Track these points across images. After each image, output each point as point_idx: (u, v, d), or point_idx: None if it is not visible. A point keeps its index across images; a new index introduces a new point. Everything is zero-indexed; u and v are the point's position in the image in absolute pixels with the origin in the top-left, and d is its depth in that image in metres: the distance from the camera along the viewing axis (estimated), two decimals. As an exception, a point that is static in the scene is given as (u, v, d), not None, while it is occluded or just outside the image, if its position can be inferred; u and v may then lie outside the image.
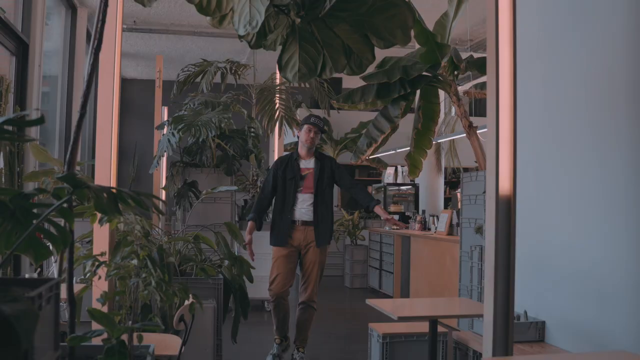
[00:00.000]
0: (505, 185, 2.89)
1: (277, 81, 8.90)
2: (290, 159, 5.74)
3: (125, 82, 13.65)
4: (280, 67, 2.82)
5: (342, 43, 2.79)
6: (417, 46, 6.67)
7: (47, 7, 6.89)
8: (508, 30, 2.96)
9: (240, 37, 2.73)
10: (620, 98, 3.38)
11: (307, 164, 5.70)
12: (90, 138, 10.40)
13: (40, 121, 1.74)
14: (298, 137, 5.82)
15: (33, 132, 5.78)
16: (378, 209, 5.61)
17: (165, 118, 9.66)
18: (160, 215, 6.34)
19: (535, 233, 4.05)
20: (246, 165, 7.57)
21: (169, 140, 6.27)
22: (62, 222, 2.00)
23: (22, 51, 6.29)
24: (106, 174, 3.50)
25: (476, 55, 7.34)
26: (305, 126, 5.70)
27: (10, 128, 1.81)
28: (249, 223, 5.60)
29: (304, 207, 5.59)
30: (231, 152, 6.98)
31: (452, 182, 14.12)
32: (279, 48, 2.83)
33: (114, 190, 1.83)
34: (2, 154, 3.92)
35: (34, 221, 1.74)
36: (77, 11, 8.94)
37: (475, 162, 7.03)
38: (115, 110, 3.55)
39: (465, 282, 5.99)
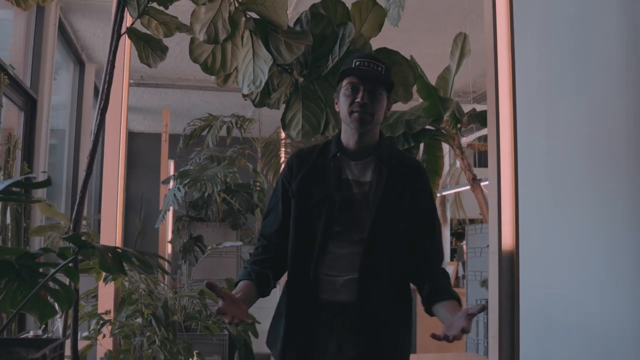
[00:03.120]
0: (507, 241, 2.90)
1: (283, 135, 8.97)
2: (322, 156, 2.55)
3: (132, 136, 13.74)
4: (283, 125, 2.87)
5: (345, 101, 2.83)
6: (421, 100, 6.73)
7: (55, 62, 6.99)
8: (508, 85, 3.01)
9: (244, 95, 2.78)
10: (621, 150, 3.40)
11: (361, 170, 2.50)
12: (97, 190, 10.44)
13: (46, 183, 1.78)
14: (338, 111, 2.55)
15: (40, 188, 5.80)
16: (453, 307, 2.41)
17: (172, 171, 9.72)
18: (168, 265, 6.32)
19: (540, 287, 4.04)
20: (252, 219, 7.59)
21: (174, 195, 6.31)
22: (67, 280, 2.02)
23: (30, 106, 6.36)
24: (112, 229, 3.52)
25: (479, 107, 7.39)
26: (345, 81, 2.45)
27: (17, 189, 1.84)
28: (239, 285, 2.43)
29: (342, 274, 2.40)
30: (237, 207, 7.02)
31: (458, 233, 14.07)
32: (283, 106, 2.88)
33: (119, 250, 1.85)
34: (9, 209, 3.95)
35: (40, 281, 1.76)
36: (85, 66, 9.05)
37: (480, 214, 7.04)
38: (122, 166, 3.58)
39: (472, 336, 5.94)
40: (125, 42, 3.36)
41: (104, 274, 2.72)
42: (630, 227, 3.34)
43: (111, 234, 3.48)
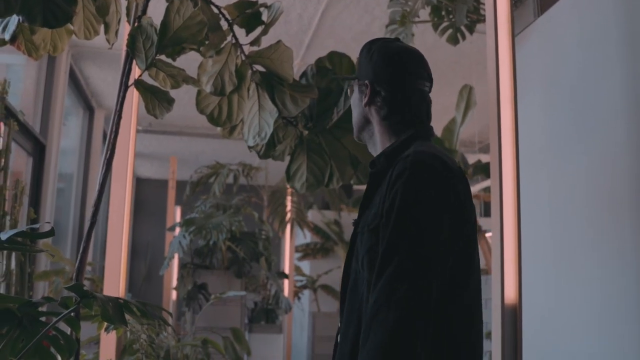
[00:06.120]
0: (510, 295, 2.89)
1: (289, 183, 8.99)
2: None
3: (139, 182, 13.79)
4: (288, 177, 2.89)
5: (349, 154, 2.86)
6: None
7: (65, 107, 7.05)
8: (510, 139, 3.03)
9: (249, 147, 2.80)
10: (623, 203, 3.40)
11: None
12: (103, 235, 10.44)
13: (49, 234, 1.80)
14: None
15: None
16: None
17: (178, 217, 9.74)
18: (170, 318, 6.27)
19: (544, 343, 4.01)
20: (256, 267, 7.58)
21: (180, 243, 6.33)
22: (68, 330, 2.02)
23: (38, 152, 6.41)
24: (116, 276, 3.52)
25: (484, 157, 7.42)
26: None
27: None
28: None
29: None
30: (242, 255, 7.02)
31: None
32: (287, 158, 2.91)
33: (121, 301, 1.86)
34: (14, 255, 3.97)
35: (41, 330, 1.77)
36: (95, 112, 9.13)
37: (485, 265, 7.02)
38: (127, 214, 3.60)
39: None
40: (134, 92, 3.41)
41: (105, 322, 2.72)
42: (633, 279, 3.33)
43: (115, 280, 3.48)
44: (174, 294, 9.01)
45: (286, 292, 8.76)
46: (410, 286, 1.58)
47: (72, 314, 1.85)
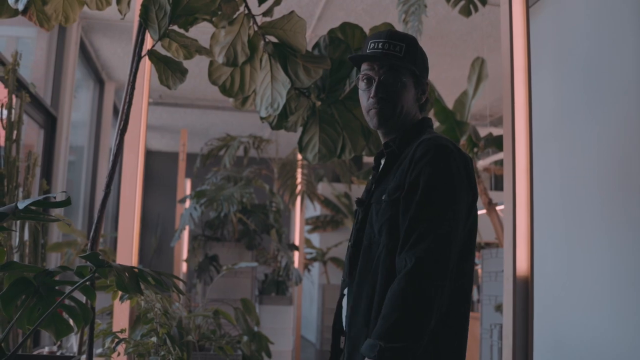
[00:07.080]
0: (522, 266, 2.90)
1: (299, 156, 8.99)
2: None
3: (149, 154, 13.80)
4: (300, 148, 2.89)
5: (361, 125, 2.86)
6: (437, 123, 6.75)
7: (76, 80, 7.05)
8: (524, 112, 3.02)
9: (262, 118, 2.80)
10: (633, 179, 3.39)
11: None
12: (114, 207, 10.49)
13: (65, 203, 1.81)
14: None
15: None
16: None
17: (188, 190, 9.77)
18: (181, 284, 6.27)
19: (555, 314, 4.02)
20: (267, 239, 7.59)
21: (191, 215, 6.34)
22: (83, 298, 2.04)
23: (50, 124, 6.43)
24: (128, 247, 3.54)
25: (495, 130, 7.42)
26: (361, 71, 2.16)
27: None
28: None
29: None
30: (252, 227, 7.03)
31: (474, 256, 13.97)
32: (300, 129, 2.91)
33: (136, 270, 1.87)
34: (27, 226, 3.99)
35: (57, 298, 1.78)
36: (105, 85, 9.12)
37: (496, 238, 7.02)
38: (139, 186, 3.61)
39: (486, 361, 5.90)
40: (146, 63, 3.40)
41: (120, 292, 2.74)
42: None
43: (127, 252, 3.50)
44: (184, 266, 9.06)
45: (296, 264, 8.79)
46: (437, 251, 1.87)
47: (88, 283, 1.86)
